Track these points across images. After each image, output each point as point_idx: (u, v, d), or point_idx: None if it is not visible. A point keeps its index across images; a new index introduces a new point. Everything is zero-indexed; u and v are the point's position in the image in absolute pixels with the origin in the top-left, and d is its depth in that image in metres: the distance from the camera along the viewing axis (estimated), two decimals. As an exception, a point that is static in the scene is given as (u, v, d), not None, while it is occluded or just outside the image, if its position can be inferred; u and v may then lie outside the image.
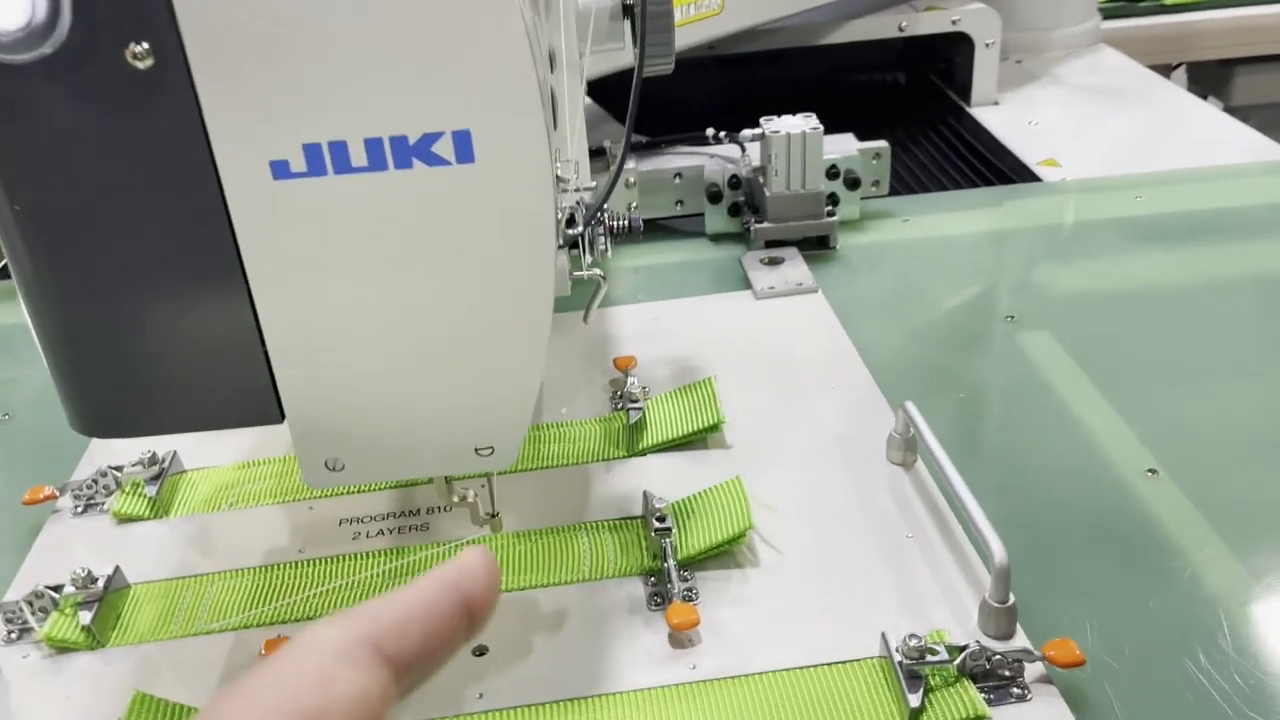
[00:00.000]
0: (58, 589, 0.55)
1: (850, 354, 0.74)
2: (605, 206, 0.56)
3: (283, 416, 0.47)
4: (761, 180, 0.87)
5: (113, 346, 0.45)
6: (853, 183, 0.90)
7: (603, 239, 0.55)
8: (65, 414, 0.47)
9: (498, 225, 0.44)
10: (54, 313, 0.45)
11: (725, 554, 0.56)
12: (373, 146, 0.42)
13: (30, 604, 0.55)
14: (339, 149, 0.42)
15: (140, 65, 0.40)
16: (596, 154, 0.93)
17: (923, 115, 1.17)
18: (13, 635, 0.55)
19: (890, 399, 0.68)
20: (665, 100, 1.16)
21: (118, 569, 0.57)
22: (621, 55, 0.64)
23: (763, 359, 0.74)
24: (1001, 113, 1.13)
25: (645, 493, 0.59)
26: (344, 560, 0.59)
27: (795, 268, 0.84)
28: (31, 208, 0.42)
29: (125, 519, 0.63)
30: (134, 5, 0.39)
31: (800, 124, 0.85)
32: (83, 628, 0.54)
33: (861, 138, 0.91)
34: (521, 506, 0.61)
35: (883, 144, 0.91)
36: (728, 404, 0.68)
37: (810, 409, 0.68)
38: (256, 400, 0.47)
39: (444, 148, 0.42)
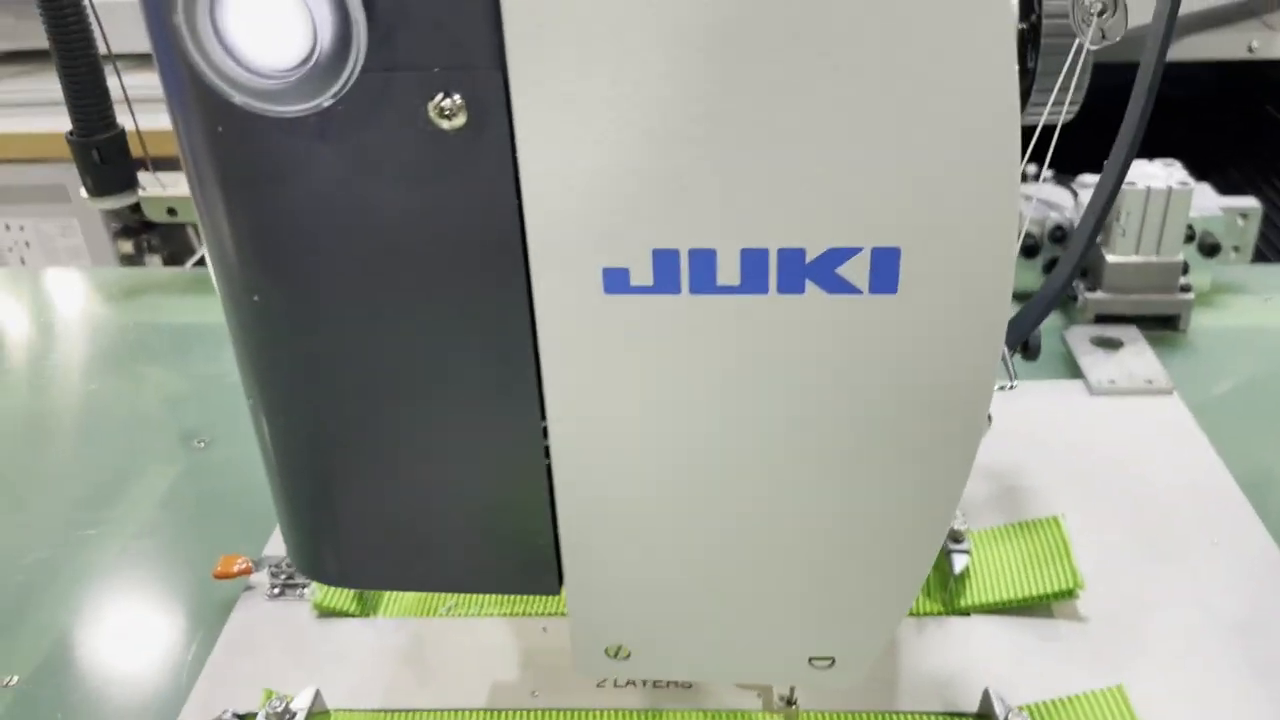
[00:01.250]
0: (247, 718, 0.45)
1: (1230, 489, 0.57)
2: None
3: (560, 587, 0.35)
4: (1101, 239, 0.70)
5: (362, 485, 0.33)
6: (1211, 249, 0.72)
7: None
8: (289, 554, 0.35)
9: (910, 378, 0.30)
10: (287, 433, 0.33)
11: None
12: (751, 260, 0.28)
13: (218, 735, 0.45)
14: (703, 260, 0.29)
15: (446, 124, 0.27)
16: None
17: (1264, 155, 0.97)
18: (197, 773, 0.45)
19: None
20: None
21: (318, 695, 0.46)
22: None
23: (1110, 485, 0.58)
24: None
25: (987, 692, 0.45)
26: (585, 717, 0.47)
27: (1139, 356, 0.67)
28: (272, 301, 0.30)
29: (327, 612, 0.52)
30: (447, 38, 0.26)
31: (1162, 175, 0.67)
32: (276, 784, 0.43)
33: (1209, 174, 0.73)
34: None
35: (1251, 203, 0.73)
36: (1084, 548, 0.52)
37: (1190, 572, 0.52)
38: (537, 565, 0.34)
39: (855, 270, 0.28)
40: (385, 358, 0.31)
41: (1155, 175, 0.67)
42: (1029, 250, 0.74)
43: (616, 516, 0.33)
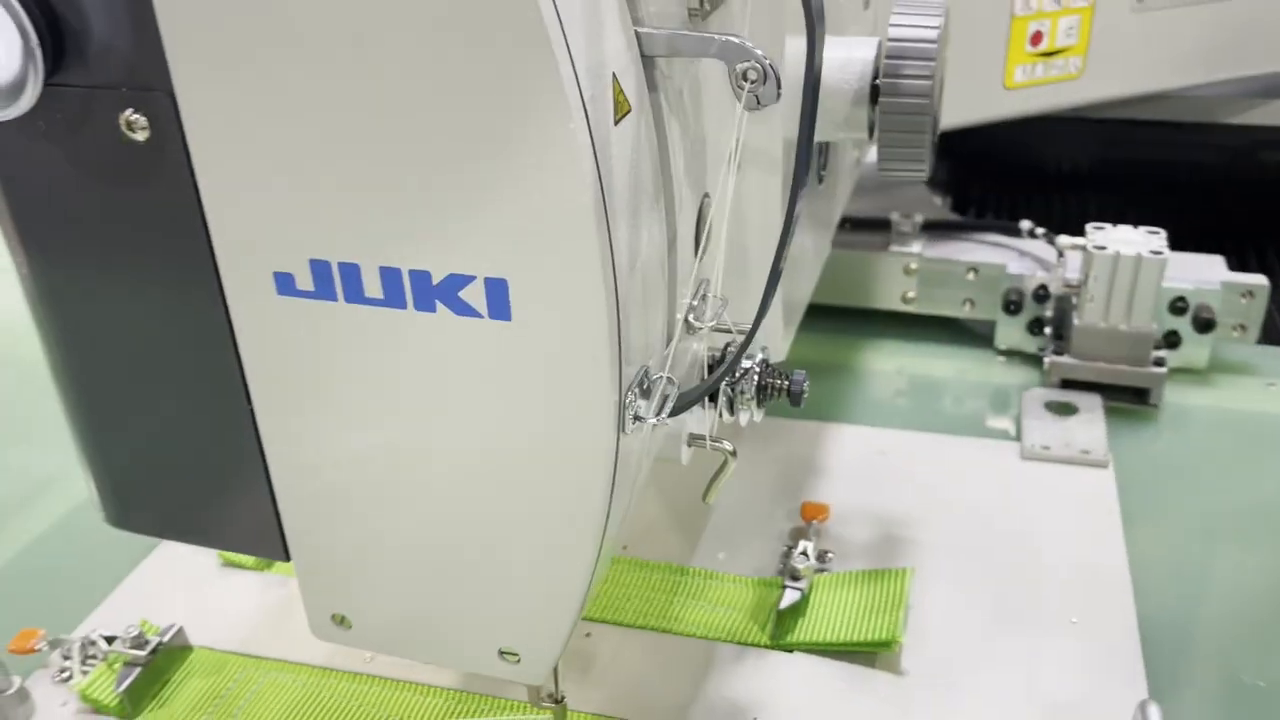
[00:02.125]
0: (111, 640, 0.52)
1: (1120, 577, 0.54)
2: (762, 358, 0.42)
3: (288, 555, 0.39)
4: (1074, 301, 0.68)
5: (120, 433, 0.39)
6: (1204, 324, 0.68)
7: (746, 400, 0.42)
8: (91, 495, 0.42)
9: (537, 399, 0.33)
10: (68, 384, 0.39)
11: None
12: (389, 277, 0.32)
13: (83, 649, 0.52)
14: (350, 273, 0.32)
15: (135, 136, 0.32)
16: (878, 225, 0.77)
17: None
18: (65, 676, 0.52)
19: (1151, 668, 0.49)
20: (1017, 150, 0.97)
21: (180, 629, 0.53)
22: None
23: (999, 550, 0.57)
24: None
25: (755, 721, 0.46)
26: (406, 690, 0.51)
27: (1089, 425, 0.65)
28: (33, 272, 0.36)
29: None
30: (128, 72, 0.31)
31: (1139, 242, 0.65)
32: (117, 696, 0.49)
33: (1257, 255, 0.69)
34: (614, 676, 0.50)
35: (1260, 280, 0.68)
36: (928, 605, 0.52)
37: (1034, 645, 0.50)
38: (261, 531, 0.39)
39: (474, 295, 0.31)
40: (111, 334, 0.36)
41: (1130, 241, 0.65)
42: (1012, 306, 0.72)
43: (318, 498, 0.37)
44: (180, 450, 0.38)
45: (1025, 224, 0.74)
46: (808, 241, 0.54)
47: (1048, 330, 0.71)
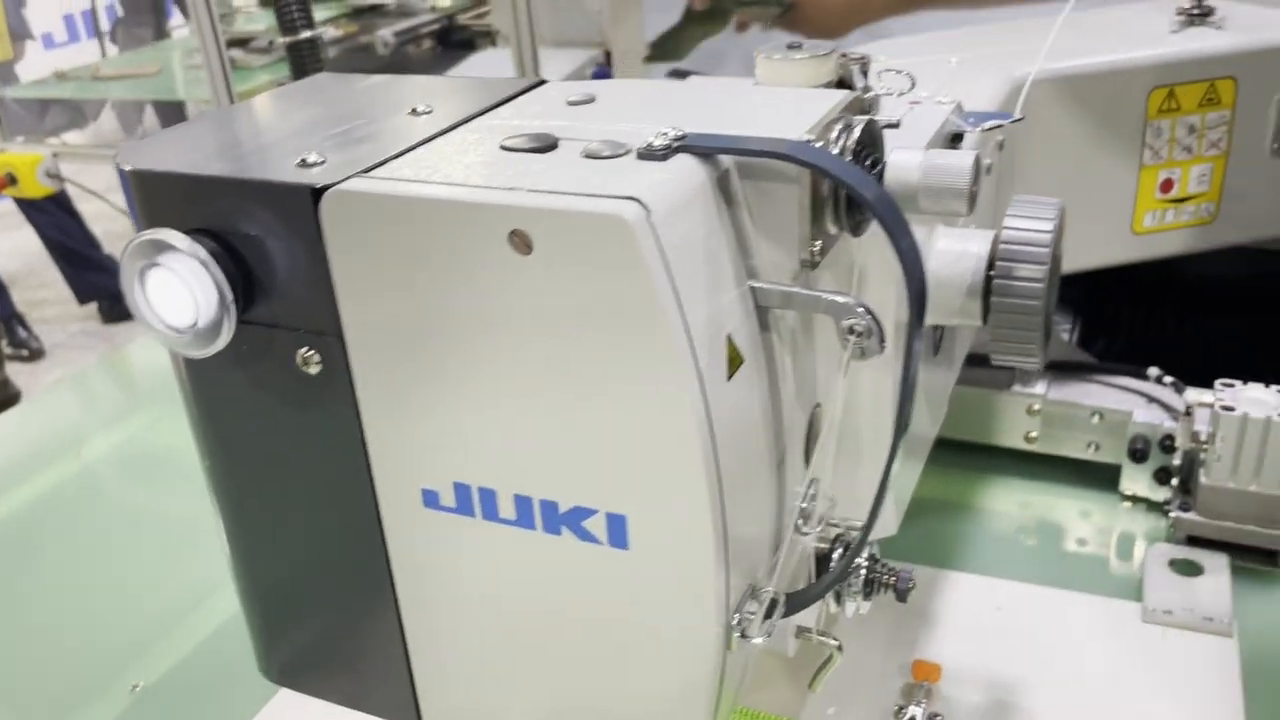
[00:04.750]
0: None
1: (1236, 760, 0.53)
2: (870, 553, 0.44)
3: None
4: (1202, 457, 0.67)
5: (282, 608, 0.44)
6: (1343, 485, 0.66)
7: (854, 593, 0.44)
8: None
9: (648, 620, 0.36)
10: (240, 567, 0.44)
11: None
12: (521, 503, 0.36)
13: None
14: (488, 496, 0.36)
15: (309, 370, 0.37)
16: (1003, 365, 0.78)
17: None
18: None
19: None
20: (1186, 272, 0.96)
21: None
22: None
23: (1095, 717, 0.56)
24: None
25: None
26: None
27: (1215, 589, 0.64)
28: (215, 474, 0.42)
29: None
30: (307, 316, 0.36)
31: (1270, 403, 0.64)
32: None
33: None
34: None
35: (1404, 442, 0.66)
36: (1028, 787, 0.52)
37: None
38: (401, 705, 0.43)
39: (596, 525, 0.35)
40: (279, 531, 0.41)
41: (1261, 401, 0.64)
42: (1137, 455, 0.72)
43: (456, 681, 0.41)
44: (333, 626, 0.43)
45: (1153, 371, 0.73)
46: (923, 416, 0.56)
47: (1174, 481, 0.70)
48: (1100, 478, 0.75)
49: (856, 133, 0.37)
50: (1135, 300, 0.97)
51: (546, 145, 0.35)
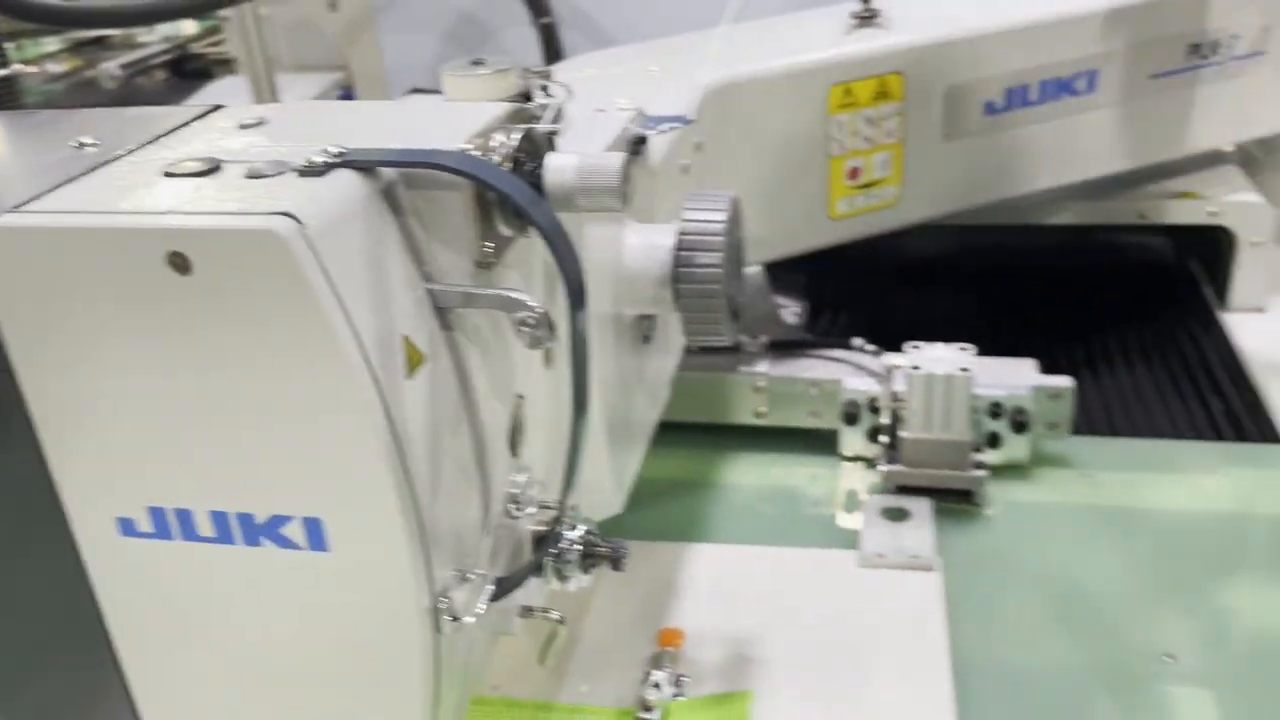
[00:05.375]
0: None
1: (942, 679, 0.60)
2: (585, 530, 0.47)
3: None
4: (901, 414, 0.74)
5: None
6: (1019, 426, 0.75)
7: (572, 569, 0.47)
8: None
9: (357, 614, 0.37)
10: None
11: None
12: (218, 519, 0.36)
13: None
14: (184, 516, 0.37)
15: (-13, 409, 0.36)
16: (729, 348, 0.84)
17: (1173, 315, 0.98)
18: None
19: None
20: (888, 254, 1.05)
21: None
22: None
23: (834, 660, 0.62)
24: (1265, 325, 0.92)
25: None
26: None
27: (919, 530, 0.71)
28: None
29: None
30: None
31: (950, 360, 0.72)
32: None
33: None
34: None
35: (1065, 382, 0.75)
36: (767, 724, 0.57)
37: (862, 754, 0.56)
38: None
39: (294, 532, 0.36)
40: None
41: (942, 359, 0.72)
42: (850, 418, 0.79)
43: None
44: (58, 687, 0.42)
45: (857, 341, 0.81)
46: (639, 400, 0.60)
47: (883, 439, 0.77)
48: (825, 443, 0.82)
49: (516, 140, 0.40)
50: (852, 280, 1.06)
51: (210, 169, 0.36)
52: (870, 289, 1.06)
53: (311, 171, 0.35)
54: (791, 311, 1.02)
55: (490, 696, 0.61)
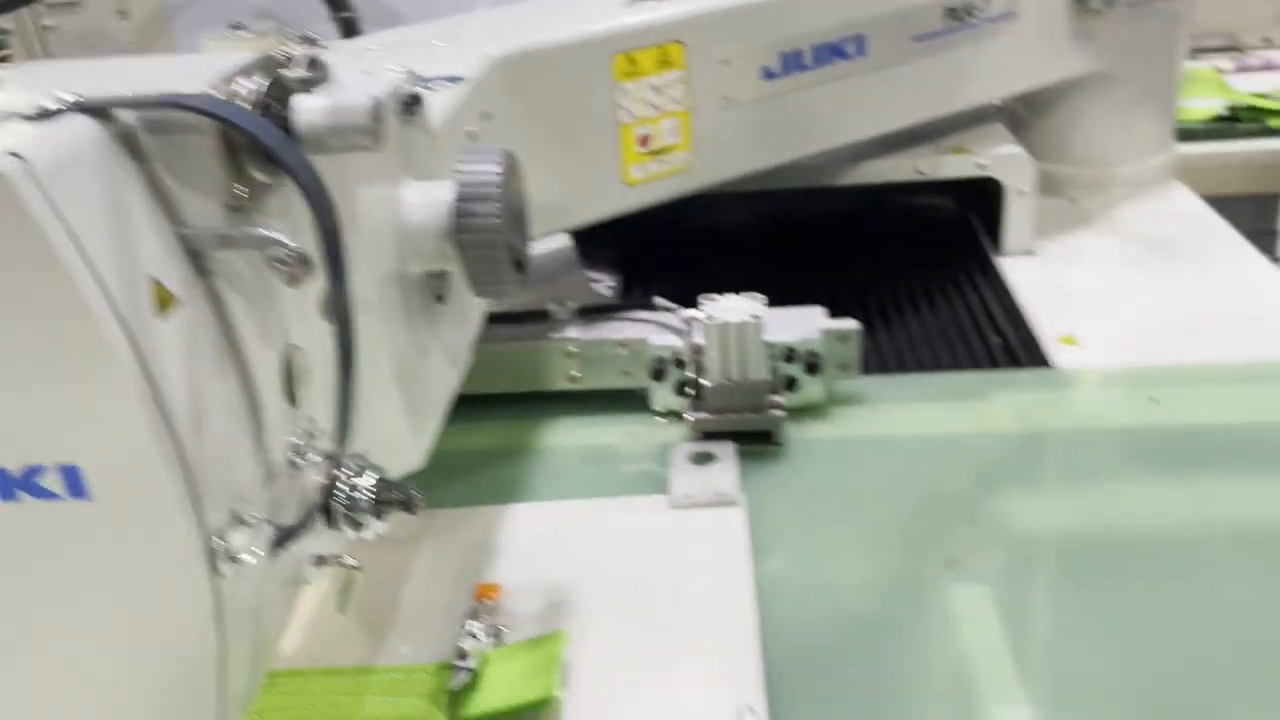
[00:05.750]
0: None
1: (745, 604, 0.63)
2: (379, 478, 0.48)
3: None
4: (702, 364, 0.77)
5: None
6: (812, 368, 0.79)
7: (366, 517, 0.48)
8: None
9: (129, 563, 0.37)
10: None
11: None
12: (-29, 474, 0.36)
13: None
14: (-67, 469, 0.36)
15: None
16: (538, 315, 0.86)
17: (956, 263, 1.05)
18: None
19: (772, 681, 0.58)
20: (696, 227, 1.09)
21: None
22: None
23: (647, 597, 0.64)
24: (1035, 267, 1.00)
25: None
26: None
27: (724, 471, 0.74)
28: None
29: None
30: None
31: (742, 309, 0.75)
32: None
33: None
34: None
35: (851, 325, 0.80)
36: (589, 659, 0.59)
37: (674, 679, 0.58)
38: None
39: (51, 481, 0.36)
40: None
41: (734, 309, 0.75)
42: (658, 374, 0.82)
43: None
44: None
45: (660, 300, 0.84)
46: (436, 358, 0.61)
47: (689, 391, 0.80)
48: (638, 401, 0.85)
49: (263, 84, 0.40)
50: (660, 251, 1.09)
51: (-63, 123, 0.35)
52: (678, 259, 1.09)
53: (42, 116, 0.35)
54: (605, 285, 1.05)
55: (309, 669, 0.61)
